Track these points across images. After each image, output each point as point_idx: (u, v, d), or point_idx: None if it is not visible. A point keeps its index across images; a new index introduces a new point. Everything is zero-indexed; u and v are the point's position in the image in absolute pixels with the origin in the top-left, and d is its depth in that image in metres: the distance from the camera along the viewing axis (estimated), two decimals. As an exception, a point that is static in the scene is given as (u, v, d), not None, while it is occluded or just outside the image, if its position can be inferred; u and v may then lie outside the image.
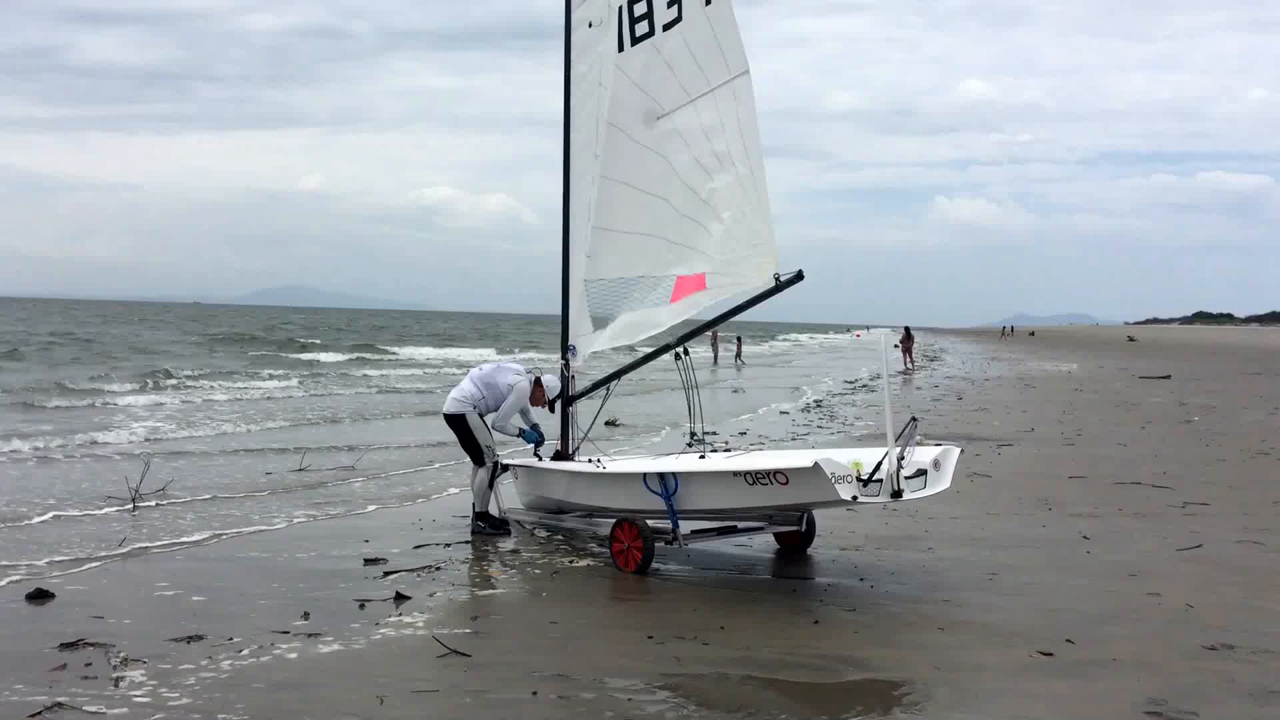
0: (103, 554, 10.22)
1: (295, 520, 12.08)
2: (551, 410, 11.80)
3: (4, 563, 9.75)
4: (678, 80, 10.52)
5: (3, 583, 9.03)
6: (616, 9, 10.81)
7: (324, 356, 50.61)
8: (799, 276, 10.25)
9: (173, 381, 31.55)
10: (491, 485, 11.42)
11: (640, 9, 10.64)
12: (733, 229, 10.41)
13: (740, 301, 10.61)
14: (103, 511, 12.36)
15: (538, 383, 11.57)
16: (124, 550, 10.40)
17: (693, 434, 10.89)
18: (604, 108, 11.22)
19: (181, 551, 10.42)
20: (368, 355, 54.53)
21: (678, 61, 10.50)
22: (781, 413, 25.96)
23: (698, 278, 10.64)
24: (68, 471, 15.33)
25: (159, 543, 10.75)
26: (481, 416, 11.42)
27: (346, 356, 51.44)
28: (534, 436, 11.64)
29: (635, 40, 10.72)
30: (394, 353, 58.31)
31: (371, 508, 12.96)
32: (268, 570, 9.64)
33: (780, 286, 10.26)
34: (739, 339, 57.28)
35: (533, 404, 11.65)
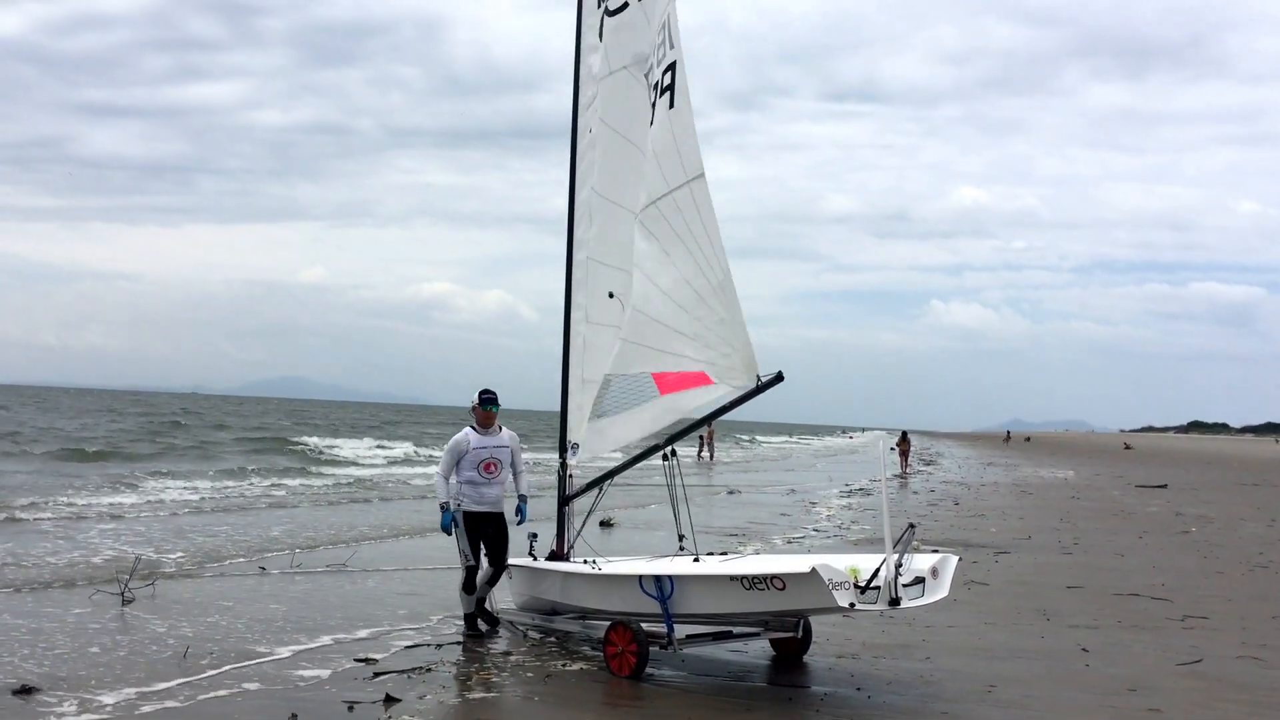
0: (90, 648, 10.09)
1: (283, 617, 11.93)
2: (485, 423, 11.09)
3: (-11, 656, 9.63)
4: (646, 182, 10.69)
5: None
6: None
7: (345, 452, 49.14)
8: (779, 378, 10.26)
9: (170, 483, 30.73)
10: (466, 589, 11.07)
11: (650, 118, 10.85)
12: (707, 330, 10.44)
13: (724, 403, 10.61)
14: (91, 605, 12.22)
15: (475, 407, 11.06)
16: (110, 644, 10.26)
17: (681, 536, 10.84)
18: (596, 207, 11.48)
19: (167, 647, 10.28)
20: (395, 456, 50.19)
21: (648, 164, 10.69)
22: (780, 514, 25.83)
23: (696, 375, 10.64)
24: (59, 563, 15.20)
25: (145, 637, 10.62)
26: (467, 513, 11.04)
27: (367, 458, 48.09)
28: (447, 520, 10.98)
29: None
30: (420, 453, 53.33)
31: (360, 604, 12.81)
32: (254, 667, 9.50)
33: (761, 388, 10.27)
34: (703, 438, 56.46)
35: (482, 426, 11.12)
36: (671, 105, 10.43)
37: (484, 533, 11.20)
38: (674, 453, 10.96)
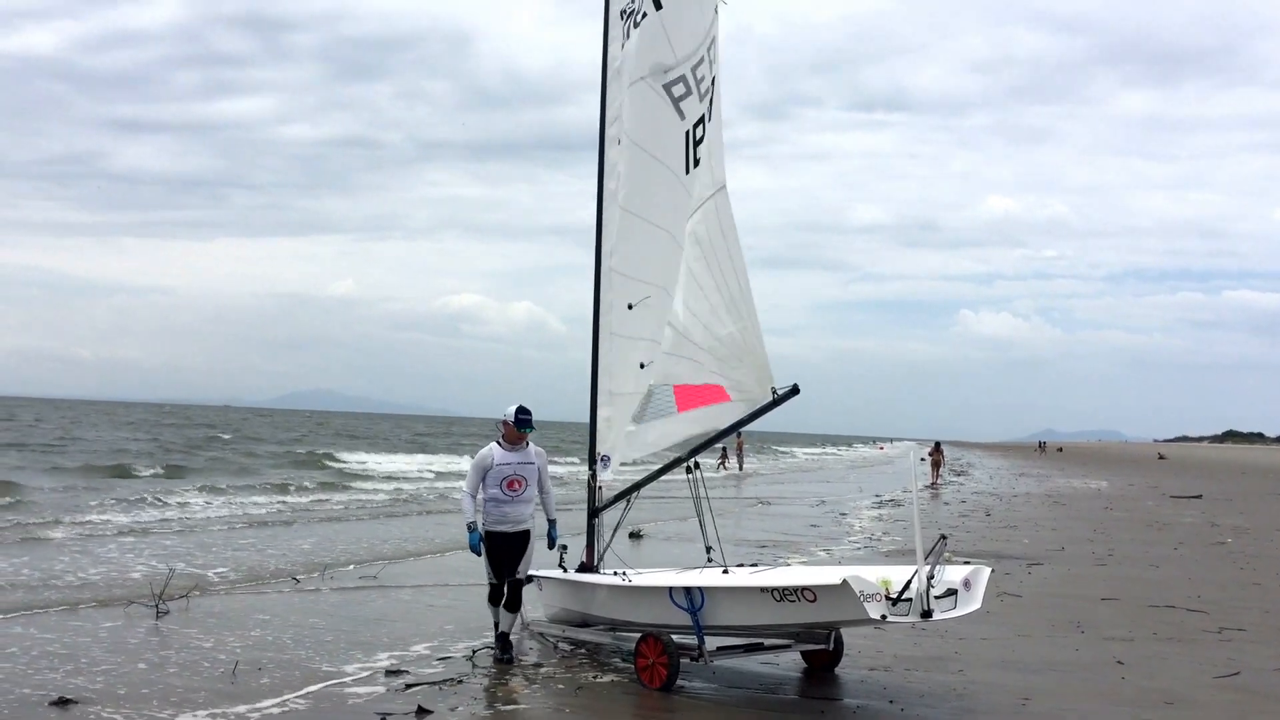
0: (137, 664, 10.18)
1: (316, 629, 11.99)
2: (513, 440, 10.65)
3: (28, 670, 9.73)
4: (695, 197, 10.75)
5: (27, 689, 8.98)
6: (684, 134, 10.91)
7: (388, 465, 48.95)
8: (794, 391, 10.26)
9: (211, 497, 30.84)
10: (493, 600, 10.80)
11: (699, 132, 10.82)
12: (731, 343, 10.48)
13: (742, 415, 10.62)
14: (126, 617, 12.33)
15: (505, 423, 10.65)
16: (146, 656, 10.35)
17: (709, 549, 10.82)
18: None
19: (202, 658, 10.35)
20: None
21: (697, 180, 10.74)
22: (811, 526, 25.74)
23: (714, 389, 10.68)
24: (93, 577, 15.33)
25: (191, 653, 10.68)
26: (488, 533, 10.71)
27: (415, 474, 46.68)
28: (474, 540, 10.68)
29: (696, 163, 10.84)
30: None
31: (394, 618, 12.85)
32: (288, 679, 9.55)
33: (777, 401, 10.28)
34: (725, 450, 56.35)
35: (510, 443, 10.70)
36: (711, 119, 10.49)
37: (505, 552, 10.74)
38: (697, 465, 10.97)
